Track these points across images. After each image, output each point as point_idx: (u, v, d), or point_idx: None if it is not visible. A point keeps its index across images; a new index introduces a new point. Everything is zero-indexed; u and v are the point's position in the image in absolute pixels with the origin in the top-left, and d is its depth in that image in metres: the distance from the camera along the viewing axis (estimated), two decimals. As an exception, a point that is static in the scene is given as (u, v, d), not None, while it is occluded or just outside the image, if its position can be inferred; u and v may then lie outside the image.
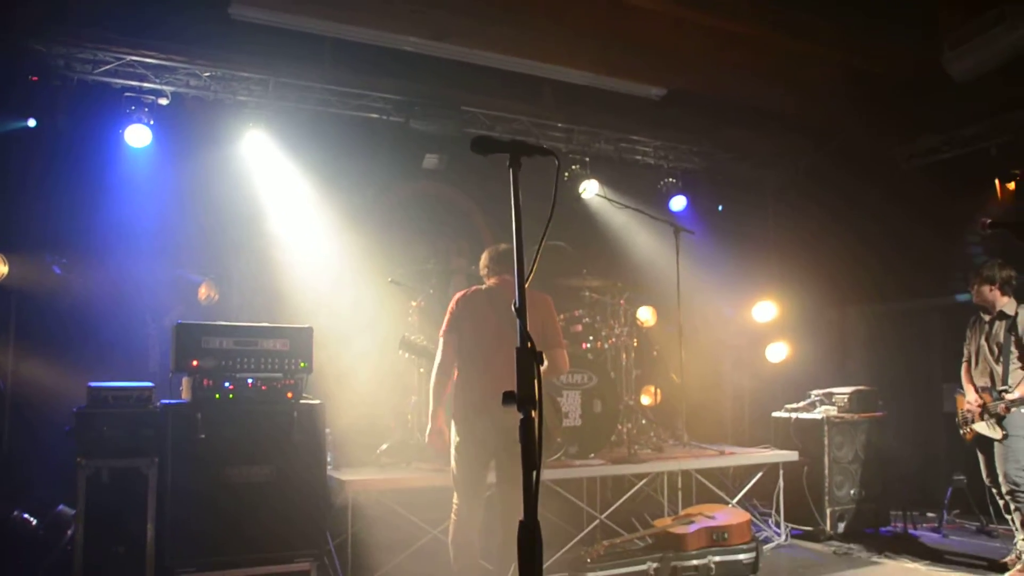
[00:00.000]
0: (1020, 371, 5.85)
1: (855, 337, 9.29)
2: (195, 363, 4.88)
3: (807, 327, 9.10)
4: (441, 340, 4.84)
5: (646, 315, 8.65)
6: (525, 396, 2.16)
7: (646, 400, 8.38)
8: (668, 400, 8.25)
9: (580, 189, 8.49)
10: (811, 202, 9.14)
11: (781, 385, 8.61)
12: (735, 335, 9.43)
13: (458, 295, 4.95)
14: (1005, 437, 5.77)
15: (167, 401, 4.94)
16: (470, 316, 4.82)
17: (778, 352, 9.12)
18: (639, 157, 9.12)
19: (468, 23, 7.13)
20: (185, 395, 4.99)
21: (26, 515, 5.03)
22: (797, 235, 9.28)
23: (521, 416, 2.17)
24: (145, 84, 6.87)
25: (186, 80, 7.01)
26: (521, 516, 4.68)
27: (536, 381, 2.24)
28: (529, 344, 2.24)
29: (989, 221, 3.99)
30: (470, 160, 8.11)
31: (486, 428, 4.63)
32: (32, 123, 6.54)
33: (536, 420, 2.09)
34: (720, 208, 9.72)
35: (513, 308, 2.38)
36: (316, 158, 7.37)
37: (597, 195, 8.29)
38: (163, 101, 6.95)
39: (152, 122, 6.80)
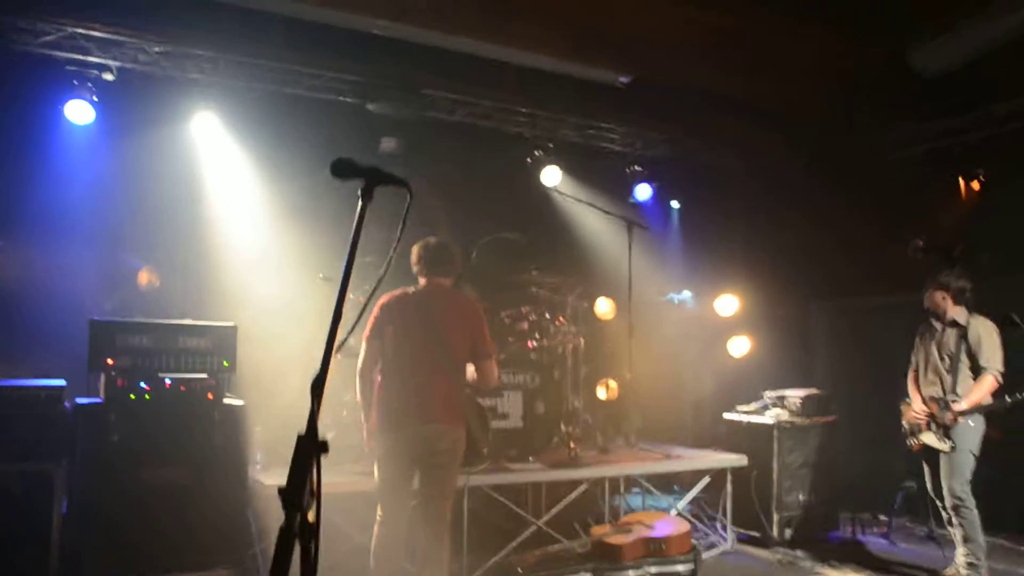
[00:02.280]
0: (970, 381, 5.74)
1: (818, 333, 9.17)
2: (110, 361, 4.71)
3: (770, 322, 8.96)
4: (364, 344, 4.66)
5: (605, 308, 8.51)
6: (290, 495, 1.81)
7: (601, 394, 8.26)
8: (624, 394, 8.13)
9: (542, 176, 8.29)
10: (778, 193, 8.98)
11: (742, 380, 8.48)
12: (697, 329, 9.29)
13: (384, 298, 4.76)
14: (952, 449, 5.65)
15: (81, 400, 4.76)
16: (395, 321, 4.64)
17: (740, 347, 8.99)
18: (605, 144, 8.92)
19: (429, 2, 6.90)
20: (102, 394, 4.81)
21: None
22: (763, 227, 9.12)
23: (286, 519, 1.81)
24: (90, 58, 6.60)
25: (134, 55, 6.75)
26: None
27: (314, 476, 1.90)
28: (312, 432, 1.89)
29: (921, 243, 3.84)
30: (430, 145, 8.06)
31: (408, 439, 4.50)
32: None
33: (298, 528, 1.85)
34: (674, 204, 9.53)
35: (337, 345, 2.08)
36: (267, 141, 7.15)
37: (552, 189, 8.07)
38: (108, 76, 6.69)
39: (96, 99, 6.55)
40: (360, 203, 2.27)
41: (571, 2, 6.90)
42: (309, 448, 1.84)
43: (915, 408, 5.95)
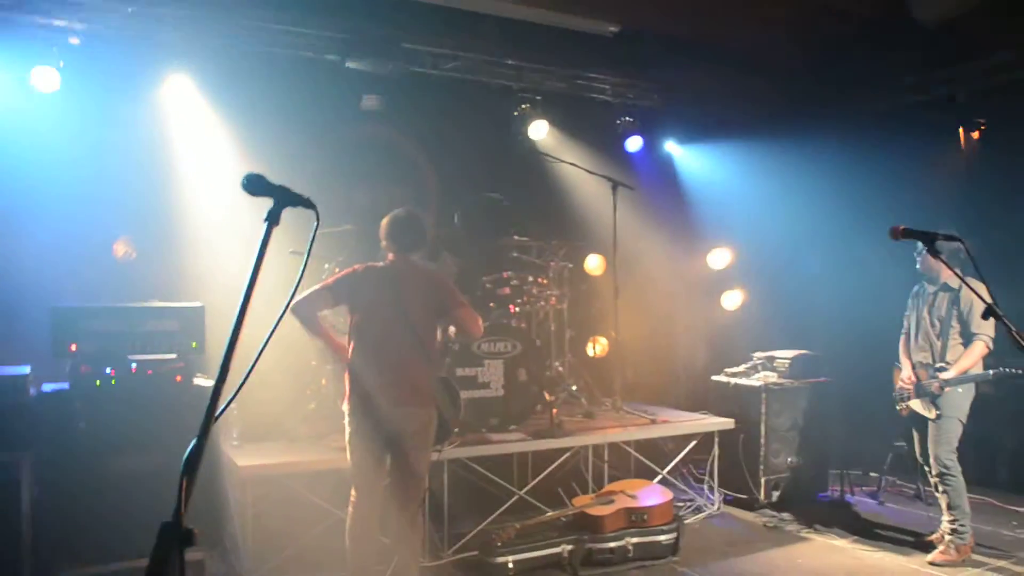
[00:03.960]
0: (959, 347, 5.62)
1: (814, 285, 9.00)
2: (73, 347, 4.62)
3: (763, 274, 8.82)
4: (318, 288, 4.49)
5: (594, 263, 8.37)
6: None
7: (591, 352, 8.19)
8: (615, 351, 8.04)
9: (529, 130, 8.07)
10: (772, 143, 8.72)
11: (734, 339, 8.38)
12: (690, 283, 9.14)
13: (356, 267, 4.65)
14: (938, 417, 5.56)
15: (47, 388, 4.69)
16: (361, 295, 4.52)
17: (733, 300, 8.88)
18: (595, 95, 8.65)
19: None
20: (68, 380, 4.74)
21: None
22: (757, 176, 8.88)
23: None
24: (54, 21, 6.37)
25: (102, 16, 6.51)
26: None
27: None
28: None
29: (902, 229, 3.69)
30: (414, 102, 7.84)
31: (378, 421, 4.43)
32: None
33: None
34: (669, 151, 9.25)
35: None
36: (243, 104, 6.89)
37: (536, 148, 7.84)
38: (74, 40, 6.46)
39: (62, 64, 6.33)
40: (266, 226, 2.12)
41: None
42: (171, 540, 1.67)
43: (903, 374, 5.84)
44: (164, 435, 4.75)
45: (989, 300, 3.66)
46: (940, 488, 5.62)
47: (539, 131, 8.06)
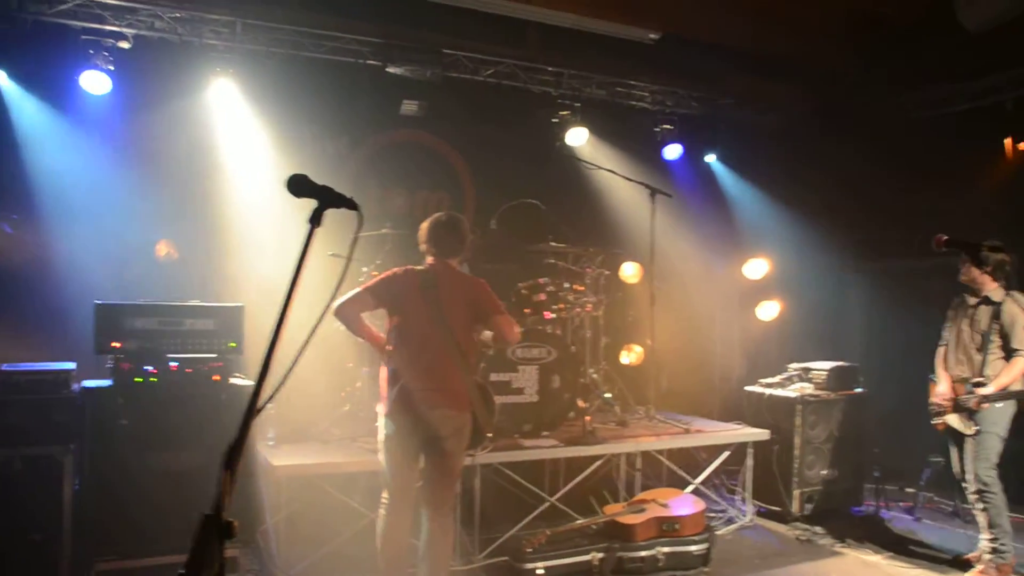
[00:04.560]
0: (999, 362, 5.52)
1: (851, 299, 8.91)
2: (116, 344, 4.72)
3: (801, 286, 8.74)
4: (358, 291, 4.49)
5: (630, 271, 8.35)
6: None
7: (625, 359, 8.18)
8: (649, 360, 8.01)
9: (568, 137, 8.08)
10: (813, 152, 8.65)
11: (772, 350, 8.33)
12: (726, 293, 9.09)
13: (396, 270, 4.68)
14: (977, 433, 5.46)
15: (89, 384, 4.80)
16: (400, 298, 4.55)
17: (769, 311, 8.80)
18: (635, 102, 8.65)
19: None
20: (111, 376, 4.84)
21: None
22: (797, 187, 8.81)
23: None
24: (105, 26, 6.52)
25: (150, 22, 6.66)
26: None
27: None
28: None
29: (945, 239, 3.64)
30: (453, 107, 7.91)
31: (412, 422, 4.45)
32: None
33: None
34: (709, 159, 9.22)
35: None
36: (286, 108, 7.05)
37: (573, 155, 7.86)
38: (124, 44, 6.62)
39: (112, 68, 6.49)
40: (309, 228, 2.16)
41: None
42: (212, 531, 1.71)
43: (939, 389, 5.74)
44: (202, 433, 4.86)
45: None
46: (979, 505, 5.51)
47: (578, 137, 8.09)
